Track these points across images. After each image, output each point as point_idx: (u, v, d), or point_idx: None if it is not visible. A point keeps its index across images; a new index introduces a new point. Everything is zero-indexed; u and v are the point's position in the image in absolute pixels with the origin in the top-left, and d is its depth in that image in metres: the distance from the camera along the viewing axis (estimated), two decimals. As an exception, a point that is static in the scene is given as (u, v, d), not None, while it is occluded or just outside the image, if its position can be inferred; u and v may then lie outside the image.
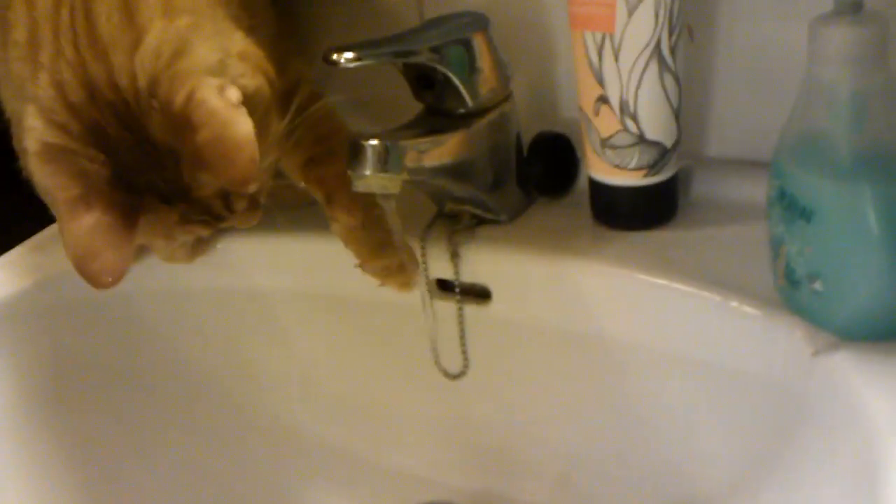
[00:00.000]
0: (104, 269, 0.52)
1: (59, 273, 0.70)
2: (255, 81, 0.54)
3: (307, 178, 0.63)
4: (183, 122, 0.51)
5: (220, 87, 0.51)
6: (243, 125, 0.50)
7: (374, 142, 0.56)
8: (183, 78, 0.51)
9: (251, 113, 0.51)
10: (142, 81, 0.52)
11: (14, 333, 0.68)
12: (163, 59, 0.51)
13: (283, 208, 0.65)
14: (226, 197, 0.56)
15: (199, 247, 0.68)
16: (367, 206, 0.61)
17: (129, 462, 0.70)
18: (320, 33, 0.75)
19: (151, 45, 0.52)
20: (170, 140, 0.52)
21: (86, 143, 0.53)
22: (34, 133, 0.53)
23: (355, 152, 0.56)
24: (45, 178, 0.53)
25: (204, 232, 0.58)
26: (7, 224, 0.76)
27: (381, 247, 0.62)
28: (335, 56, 0.55)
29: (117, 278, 0.53)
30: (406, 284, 0.63)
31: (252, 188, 0.52)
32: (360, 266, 0.63)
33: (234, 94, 0.51)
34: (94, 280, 0.52)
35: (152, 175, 0.54)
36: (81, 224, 0.51)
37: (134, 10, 0.52)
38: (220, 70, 0.52)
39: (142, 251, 0.68)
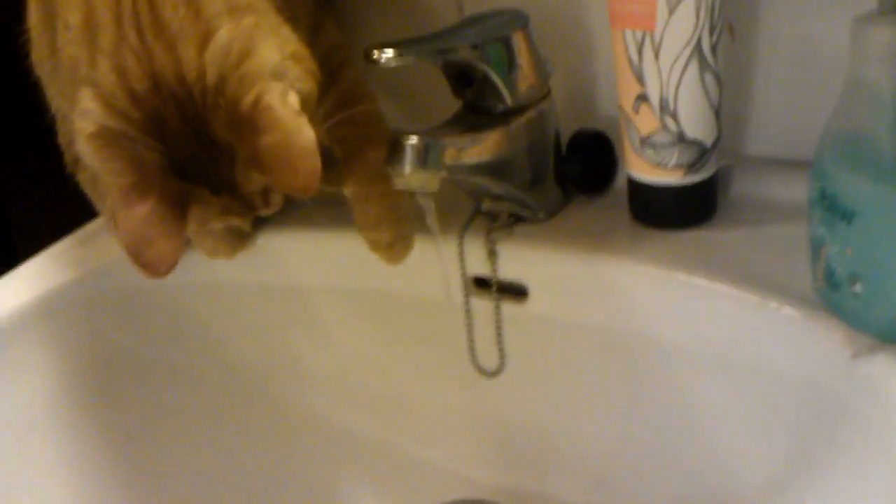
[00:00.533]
0: (158, 257, 0.53)
1: (103, 266, 0.71)
2: (308, 85, 0.55)
3: (330, 137, 0.63)
4: (247, 123, 0.51)
5: (283, 92, 0.51)
6: (307, 135, 0.51)
7: (414, 140, 0.56)
8: (251, 79, 0.52)
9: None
10: (210, 78, 0.52)
11: (59, 326, 0.69)
12: (232, 59, 0.52)
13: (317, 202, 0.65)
14: (265, 192, 0.57)
15: (240, 241, 0.69)
16: (375, 180, 0.62)
17: (171, 456, 0.70)
18: (358, 31, 0.75)
19: (222, 43, 0.52)
20: (230, 138, 0.53)
21: (144, 132, 0.53)
22: (91, 116, 0.53)
23: (395, 150, 0.56)
24: (100, 163, 0.53)
25: (238, 221, 0.59)
26: (52, 217, 0.77)
27: (379, 221, 0.63)
28: (376, 54, 0.55)
29: (171, 266, 0.53)
30: (391, 260, 0.64)
31: (311, 194, 0.52)
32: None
33: (294, 100, 0.52)
34: (149, 268, 0.53)
35: (206, 168, 0.55)
36: (136, 212, 0.52)
37: (200, 4, 0.53)
38: (281, 72, 0.53)
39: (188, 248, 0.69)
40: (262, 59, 0.53)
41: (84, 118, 0.53)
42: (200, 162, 0.55)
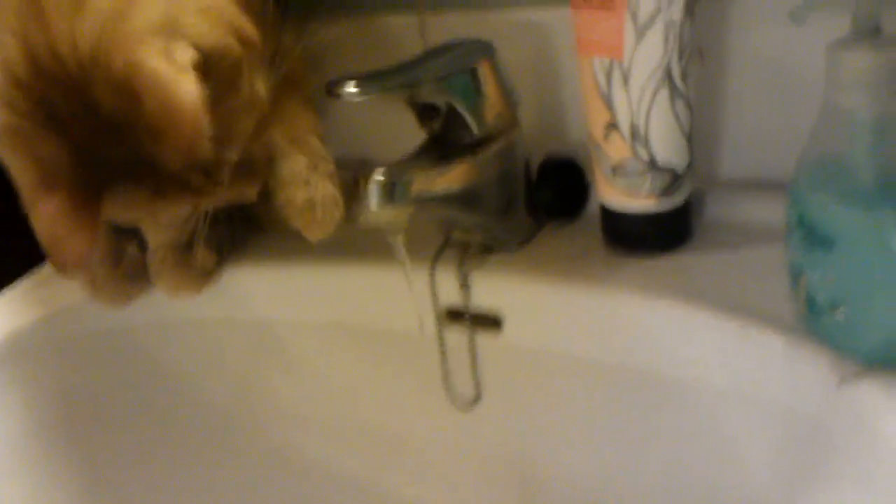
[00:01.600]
0: (69, 255, 0.49)
1: (65, 307, 0.69)
2: (214, 37, 0.50)
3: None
4: (127, 90, 0.47)
5: (166, 48, 0.47)
6: (187, 88, 0.46)
7: (380, 177, 0.54)
8: (123, 41, 0.47)
9: (211, 72, 0.47)
10: (83, 48, 0.48)
11: (21, 370, 0.67)
12: (106, 22, 0.48)
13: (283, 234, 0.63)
14: (204, 169, 0.52)
15: (204, 279, 0.68)
16: (299, 128, 0.59)
17: (141, 498, 0.69)
18: (318, 62, 0.74)
19: (93, 8, 0.48)
20: (120, 112, 0.48)
21: (37, 123, 0.49)
22: None
23: (360, 189, 0.55)
24: (5, 162, 0.50)
25: (186, 206, 0.53)
26: (9, 257, 0.75)
27: (295, 177, 0.60)
28: (338, 89, 0.54)
29: (81, 264, 0.49)
30: (311, 230, 0.63)
31: (203, 155, 0.48)
32: None
33: (185, 55, 0.47)
34: (60, 268, 0.49)
35: (111, 151, 0.50)
36: (45, 210, 0.48)
37: None
38: (168, 28, 0.48)
39: (149, 284, 0.68)
40: (141, 17, 0.48)
41: None
42: (105, 146, 0.49)
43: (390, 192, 0.55)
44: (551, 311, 0.60)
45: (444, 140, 0.61)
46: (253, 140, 0.55)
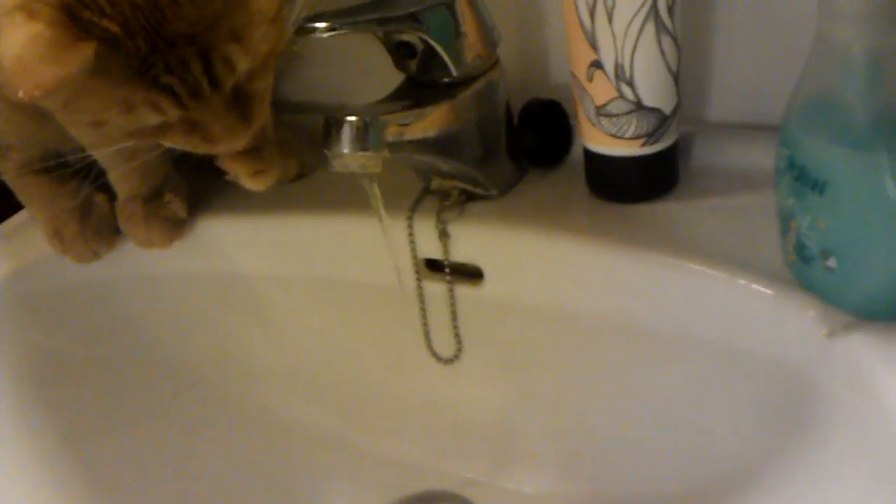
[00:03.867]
0: (35, 81, 0.44)
1: (32, 261, 0.68)
2: None
3: None
4: None
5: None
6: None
7: (352, 118, 0.52)
8: None
9: None
10: None
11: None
12: None
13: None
14: (206, 60, 0.48)
15: (175, 229, 0.66)
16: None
17: (115, 456, 0.67)
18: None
19: None
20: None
21: None
22: None
23: (332, 130, 0.53)
24: None
25: (171, 110, 0.49)
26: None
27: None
28: (309, 26, 0.52)
29: (45, 92, 0.44)
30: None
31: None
32: None
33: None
34: (22, 91, 0.44)
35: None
36: (19, 32, 0.44)
37: None
38: None
39: (118, 238, 0.66)
40: None
41: None
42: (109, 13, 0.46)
43: (363, 135, 0.53)
44: (533, 262, 0.59)
45: (422, 82, 0.59)
46: (262, 66, 0.52)
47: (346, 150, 0.53)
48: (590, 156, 0.59)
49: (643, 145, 0.56)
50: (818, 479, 0.48)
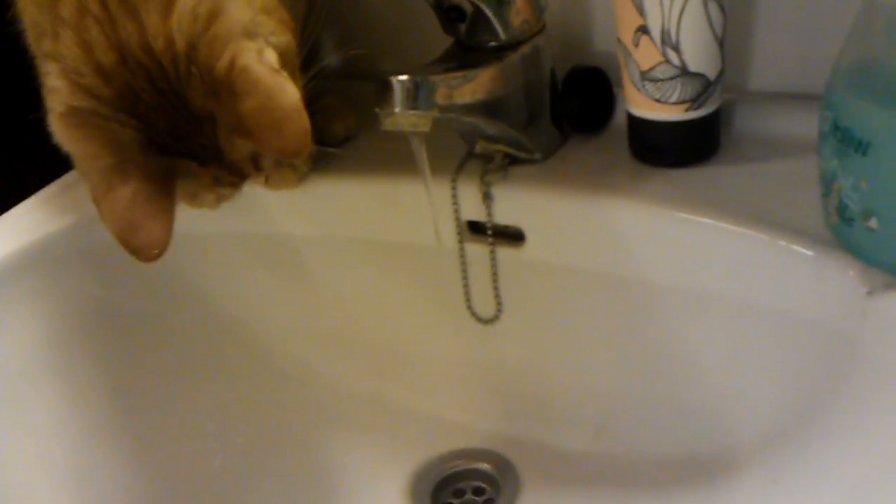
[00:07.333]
0: (149, 240, 0.51)
1: (92, 215, 0.68)
2: (284, 38, 0.52)
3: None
4: (225, 88, 0.49)
5: (259, 50, 0.49)
6: (290, 93, 0.48)
7: (404, 77, 0.53)
8: (222, 41, 0.49)
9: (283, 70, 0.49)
10: (179, 45, 0.49)
11: (48, 276, 0.67)
12: (200, 22, 0.49)
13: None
14: (255, 158, 0.55)
15: (302, 175, 0.68)
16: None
17: (158, 410, 0.68)
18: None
19: (187, 7, 0.49)
20: (208, 105, 0.50)
21: (116, 108, 0.50)
22: (59, 95, 0.50)
23: (384, 89, 0.54)
24: (73, 144, 0.51)
25: (229, 193, 0.56)
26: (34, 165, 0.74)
27: None
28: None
29: (163, 249, 0.51)
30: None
31: (307, 151, 0.50)
32: None
33: (272, 57, 0.49)
34: (141, 254, 0.51)
35: (188, 140, 0.52)
36: (119, 196, 0.49)
37: None
38: (253, 30, 0.50)
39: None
40: (232, 17, 0.50)
41: (52, 97, 0.50)
42: (181, 134, 0.51)
43: (414, 95, 0.54)
44: (575, 225, 0.59)
45: (470, 46, 0.59)
46: None
47: (397, 109, 0.54)
48: (634, 121, 0.60)
49: (687, 110, 0.57)
50: (855, 438, 0.48)
